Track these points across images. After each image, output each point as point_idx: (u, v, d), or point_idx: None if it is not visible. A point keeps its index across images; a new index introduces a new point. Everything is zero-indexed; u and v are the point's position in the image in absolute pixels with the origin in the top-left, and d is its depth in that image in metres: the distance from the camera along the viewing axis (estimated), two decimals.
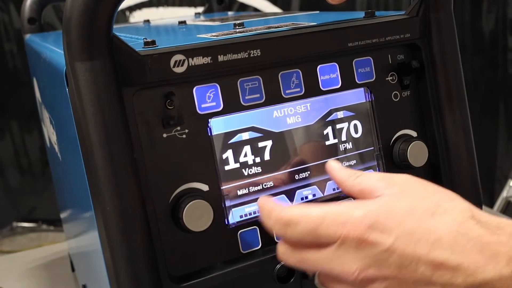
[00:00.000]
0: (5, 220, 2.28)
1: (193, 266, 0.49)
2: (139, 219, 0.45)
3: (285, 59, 0.51)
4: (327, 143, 0.54)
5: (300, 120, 0.53)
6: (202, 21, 0.78)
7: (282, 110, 0.52)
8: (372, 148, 0.56)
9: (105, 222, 0.44)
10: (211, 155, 0.49)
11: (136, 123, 0.46)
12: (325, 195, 0.54)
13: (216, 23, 0.69)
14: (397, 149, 0.56)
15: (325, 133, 0.54)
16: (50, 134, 0.73)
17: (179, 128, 0.48)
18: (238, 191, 0.50)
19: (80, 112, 0.44)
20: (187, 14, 1.95)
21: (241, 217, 0.51)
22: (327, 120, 0.54)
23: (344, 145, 0.55)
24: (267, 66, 0.50)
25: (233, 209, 0.50)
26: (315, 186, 0.54)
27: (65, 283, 0.90)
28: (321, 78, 0.53)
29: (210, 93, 0.49)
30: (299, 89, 0.52)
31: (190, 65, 0.46)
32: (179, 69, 0.46)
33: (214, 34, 0.54)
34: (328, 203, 0.42)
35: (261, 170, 0.51)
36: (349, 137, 0.55)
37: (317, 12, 0.73)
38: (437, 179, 0.58)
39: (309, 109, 0.53)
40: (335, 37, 0.52)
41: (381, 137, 0.56)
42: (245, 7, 1.81)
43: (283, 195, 0.52)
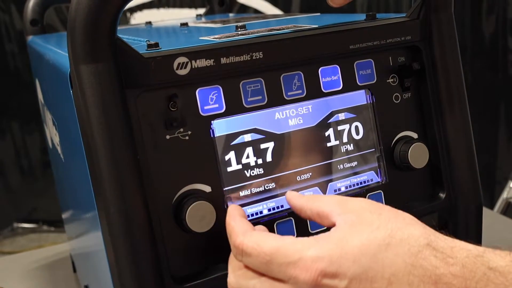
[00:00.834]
0: (6, 221, 2.28)
1: (196, 267, 0.49)
2: (142, 220, 0.45)
3: (287, 61, 0.51)
4: (329, 144, 0.54)
5: (301, 121, 0.53)
6: (203, 23, 0.78)
7: (284, 112, 0.52)
8: (373, 149, 0.56)
9: (109, 223, 0.45)
10: (213, 157, 0.49)
11: (139, 125, 0.46)
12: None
13: (217, 25, 0.70)
14: (398, 150, 0.56)
15: (327, 134, 0.54)
16: (52, 135, 0.74)
17: (182, 129, 0.48)
18: (240, 193, 0.51)
19: (84, 114, 0.44)
20: (187, 15, 1.95)
21: None
22: (329, 121, 0.54)
23: (345, 147, 0.55)
24: (269, 68, 0.51)
25: None
26: (317, 187, 0.54)
27: (66, 284, 0.91)
28: (322, 80, 0.54)
29: (212, 95, 0.49)
30: (300, 91, 0.53)
31: (193, 67, 0.47)
32: (182, 72, 0.46)
33: (216, 36, 0.54)
34: (283, 236, 0.42)
35: (263, 171, 0.52)
36: (350, 139, 0.55)
37: (318, 14, 0.74)
38: (438, 180, 0.58)
39: (311, 110, 0.53)
40: (337, 39, 0.53)
41: (382, 138, 0.56)
42: (245, 8, 1.82)
43: (285, 196, 0.53)
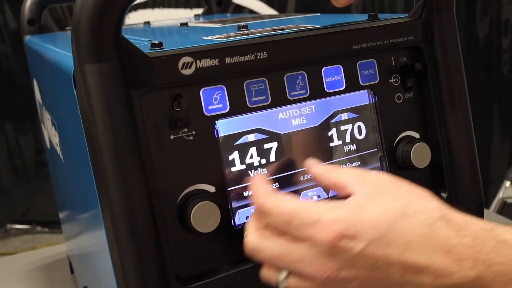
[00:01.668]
0: None
1: (200, 267, 0.49)
2: (147, 221, 0.45)
3: (291, 61, 0.51)
4: (332, 144, 0.54)
5: (305, 121, 0.53)
6: (203, 23, 0.78)
7: (287, 112, 0.52)
8: (375, 149, 0.56)
9: (114, 223, 0.44)
10: (217, 157, 0.49)
11: (144, 125, 0.46)
12: (329, 196, 0.54)
13: (218, 25, 0.70)
14: (401, 150, 0.56)
15: (329, 134, 0.54)
16: (51, 135, 0.73)
17: (186, 129, 0.48)
18: (244, 193, 0.51)
19: (88, 113, 0.44)
20: (183, 15, 1.95)
21: (247, 218, 0.51)
22: (332, 121, 0.54)
23: (348, 147, 0.55)
24: (273, 68, 0.51)
25: (239, 211, 0.51)
26: (320, 187, 0.54)
27: (64, 285, 0.90)
28: (325, 80, 0.54)
29: (216, 95, 0.49)
30: (304, 91, 0.53)
31: (198, 67, 0.47)
32: (187, 71, 0.46)
33: (219, 36, 0.54)
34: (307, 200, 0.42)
35: (266, 171, 0.51)
36: (353, 139, 0.55)
37: (318, 14, 0.74)
38: (440, 180, 0.59)
39: (314, 111, 0.53)
40: (341, 39, 0.53)
41: (384, 138, 0.56)
42: (241, 8, 1.82)
43: (289, 197, 0.52)
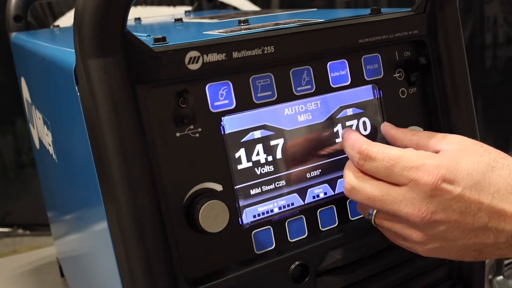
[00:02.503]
0: None
1: (208, 268, 0.48)
2: (154, 221, 0.43)
3: (298, 55, 0.50)
4: (337, 140, 0.53)
5: (310, 117, 0.52)
6: (198, 19, 0.77)
7: (293, 107, 0.51)
8: None
9: (120, 224, 0.43)
10: (224, 154, 0.48)
11: (149, 122, 0.44)
12: (336, 193, 0.53)
13: (215, 21, 0.68)
14: None
15: (335, 130, 0.53)
16: (42, 135, 0.71)
17: (192, 127, 0.47)
18: (251, 191, 0.49)
19: (92, 110, 0.42)
20: (166, 13, 1.92)
21: (254, 217, 0.50)
22: (337, 117, 0.53)
23: None
24: (279, 63, 0.50)
25: (246, 209, 0.49)
26: (326, 184, 0.53)
27: None
28: (331, 75, 0.53)
29: (222, 91, 0.48)
30: (310, 86, 0.52)
31: (204, 61, 0.45)
32: (194, 66, 0.45)
33: (221, 31, 0.53)
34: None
35: (273, 168, 0.50)
36: None
37: (315, 9, 0.73)
38: None
39: (319, 106, 0.52)
40: (347, 33, 0.52)
41: None
42: (225, 6, 1.80)
43: (295, 194, 0.51)
